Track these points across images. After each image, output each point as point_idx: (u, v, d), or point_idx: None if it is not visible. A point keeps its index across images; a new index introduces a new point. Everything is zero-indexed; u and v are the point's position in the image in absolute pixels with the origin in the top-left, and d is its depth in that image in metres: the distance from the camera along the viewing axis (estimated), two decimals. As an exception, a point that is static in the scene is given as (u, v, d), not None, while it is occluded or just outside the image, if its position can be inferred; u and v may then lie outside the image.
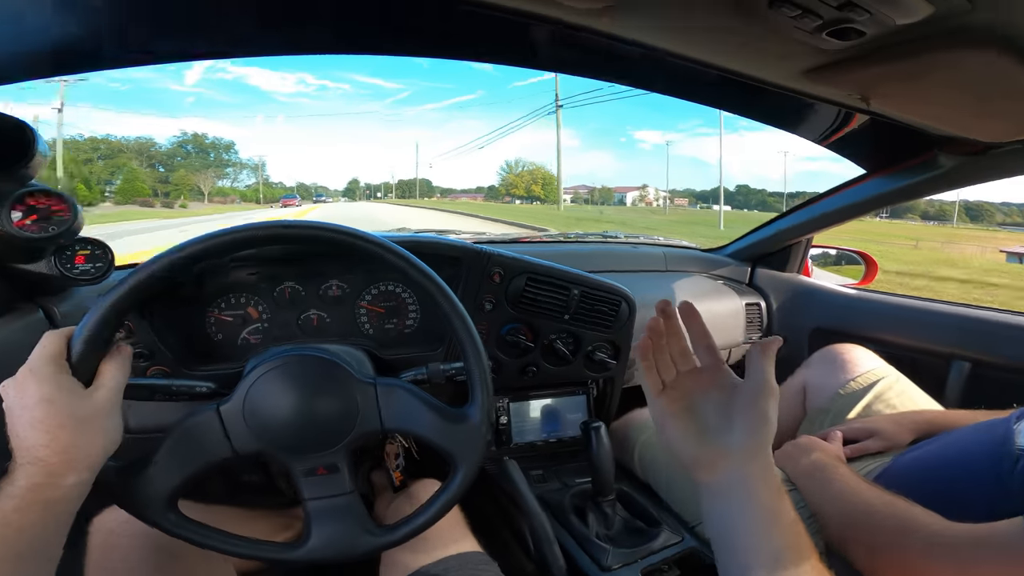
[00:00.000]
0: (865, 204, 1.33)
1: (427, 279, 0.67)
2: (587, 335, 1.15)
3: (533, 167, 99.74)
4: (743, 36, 0.63)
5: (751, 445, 0.53)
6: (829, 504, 0.81)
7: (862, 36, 0.57)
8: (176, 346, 0.88)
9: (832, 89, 0.77)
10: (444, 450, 0.67)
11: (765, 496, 0.51)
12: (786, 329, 1.65)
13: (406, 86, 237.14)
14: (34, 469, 0.49)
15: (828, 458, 0.89)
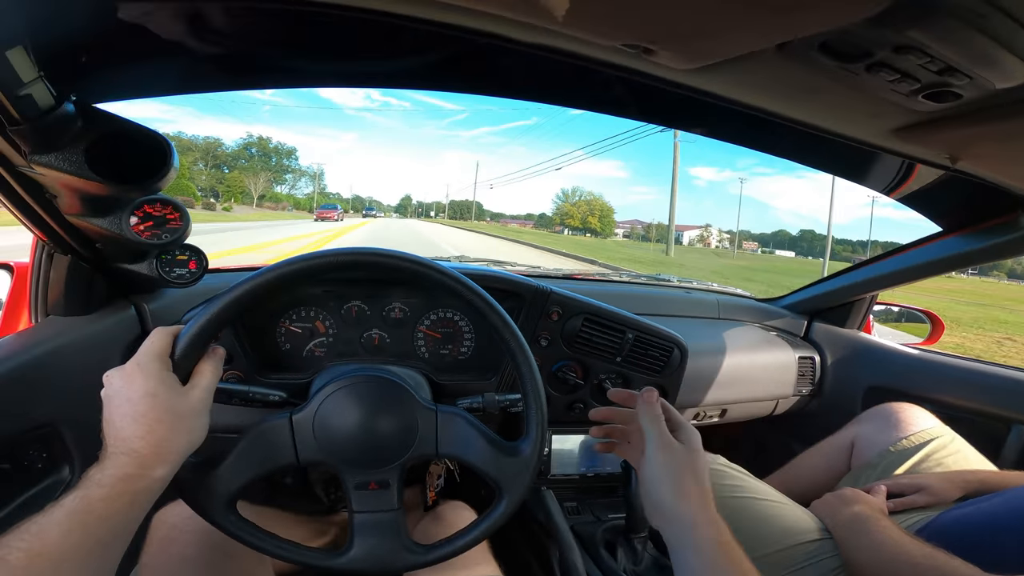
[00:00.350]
0: (942, 263, 1.29)
1: (498, 317, 0.70)
2: (637, 377, 1.16)
3: (591, 197, 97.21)
4: (835, 95, 0.63)
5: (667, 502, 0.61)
6: (866, 554, 0.82)
7: (959, 99, 0.57)
8: (250, 353, 0.94)
9: (921, 148, 0.76)
10: (493, 480, 0.69)
11: (707, 549, 0.57)
12: (840, 385, 1.60)
13: (465, 108, 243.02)
14: (127, 459, 0.51)
15: (870, 510, 0.90)
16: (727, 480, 1.07)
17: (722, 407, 1.50)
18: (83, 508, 0.47)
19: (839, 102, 0.66)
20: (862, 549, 0.84)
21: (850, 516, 0.90)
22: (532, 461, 0.69)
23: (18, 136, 0.53)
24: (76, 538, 0.46)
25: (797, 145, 1.04)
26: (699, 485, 0.61)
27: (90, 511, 0.47)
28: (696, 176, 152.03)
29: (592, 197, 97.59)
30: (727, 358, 1.45)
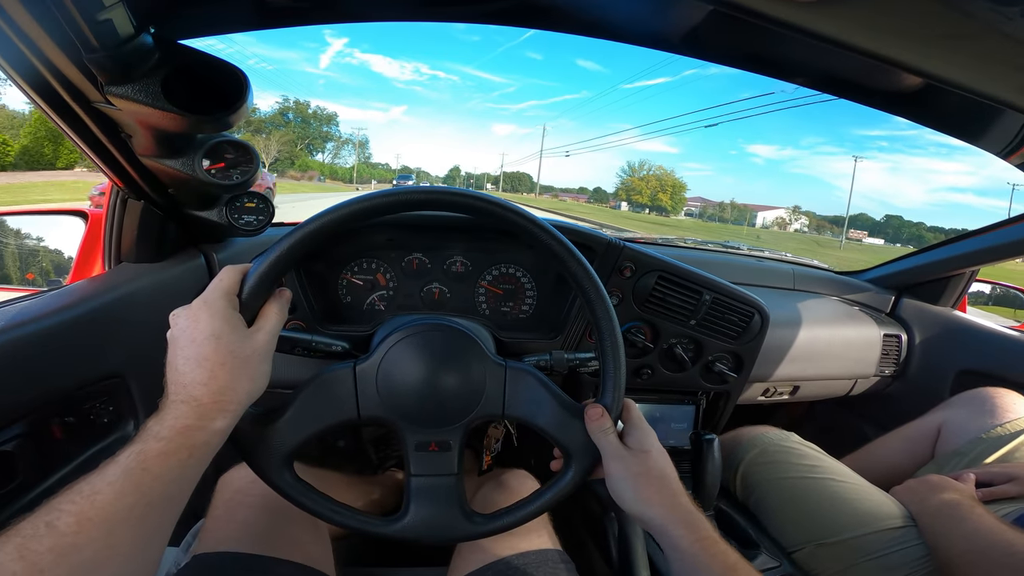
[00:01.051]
0: None
1: (579, 266, 0.64)
2: (710, 343, 1.09)
3: (661, 171, 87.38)
4: (978, 45, 0.54)
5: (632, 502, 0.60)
6: (960, 542, 0.79)
7: None
8: (313, 303, 0.93)
9: None
10: (561, 444, 0.64)
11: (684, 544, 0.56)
12: (928, 367, 1.49)
13: (512, 81, 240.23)
14: (186, 408, 0.48)
15: (962, 497, 0.86)
16: (804, 460, 1.04)
17: (794, 383, 1.41)
18: (138, 465, 0.44)
19: (984, 54, 0.56)
20: (955, 537, 0.80)
21: (940, 503, 0.86)
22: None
23: (95, 65, 0.51)
24: (130, 500, 0.42)
25: (910, 98, 0.93)
26: (658, 487, 0.59)
27: (146, 469, 0.44)
28: (754, 154, 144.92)
29: (663, 171, 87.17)
30: (803, 331, 1.36)
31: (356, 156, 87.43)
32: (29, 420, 0.67)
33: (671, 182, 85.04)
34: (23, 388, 0.65)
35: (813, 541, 0.91)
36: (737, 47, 0.79)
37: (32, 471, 0.68)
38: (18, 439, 0.65)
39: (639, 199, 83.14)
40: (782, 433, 1.14)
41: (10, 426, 0.64)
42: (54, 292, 0.78)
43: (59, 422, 0.72)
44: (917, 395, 1.45)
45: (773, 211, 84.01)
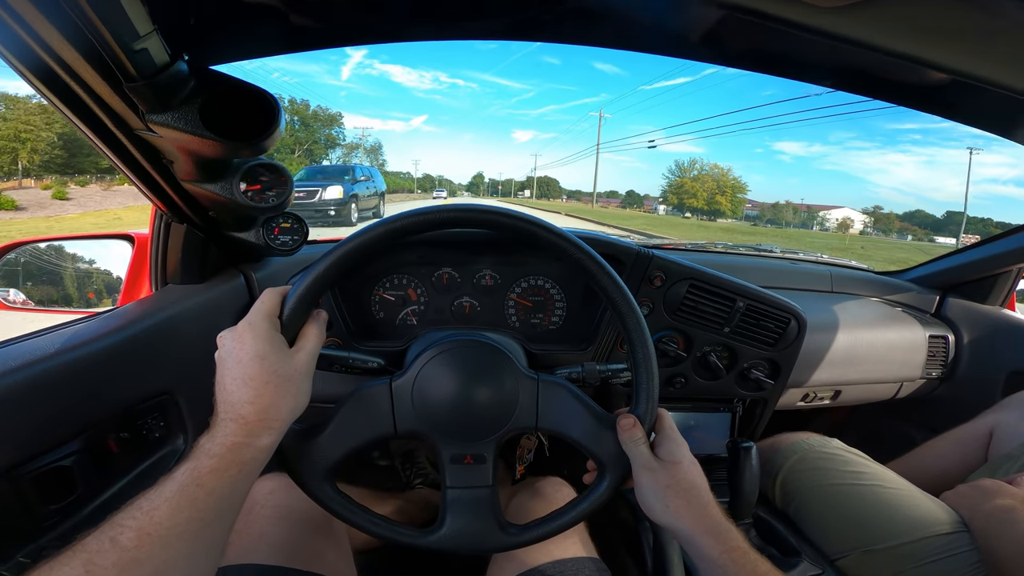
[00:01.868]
0: None
1: (608, 278, 0.65)
2: (745, 351, 1.07)
3: (717, 170, 74.26)
4: (1009, 41, 0.54)
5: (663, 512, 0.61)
6: (1012, 546, 0.78)
7: None
8: (348, 320, 0.95)
9: None
10: (595, 456, 0.65)
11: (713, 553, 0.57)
12: (977, 368, 1.43)
13: (530, 87, 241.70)
14: (235, 426, 0.50)
15: (1016, 502, 0.84)
16: (848, 466, 1.02)
17: (835, 388, 1.37)
18: (192, 481, 0.47)
19: (1013, 50, 0.55)
20: (1007, 541, 0.79)
21: (993, 509, 0.84)
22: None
23: (135, 94, 0.54)
24: (186, 514, 0.45)
25: (942, 94, 0.91)
26: (687, 498, 0.60)
27: (200, 484, 0.47)
28: (780, 151, 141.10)
29: (719, 170, 73.72)
30: (843, 334, 1.32)
31: (372, 163, 73.52)
32: (85, 436, 0.70)
33: (729, 183, 73.21)
34: (79, 407, 0.69)
35: (859, 548, 0.88)
36: (760, 51, 0.78)
37: (89, 485, 0.71)
38: (75, 455, 0.68)
39: (693, 203, 71.30)
40: (823, 439, 1.11)
41: (70, 441, 0.68)
42: (106, 315, 0.82)
43: (114, 437, 0.75)
44: (966, 398, 1.40)
45: (838, 210, 74.90)
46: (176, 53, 0.54)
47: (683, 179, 73.79)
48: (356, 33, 0.70)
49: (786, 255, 1.70)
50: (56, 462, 0.66)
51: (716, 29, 0.66)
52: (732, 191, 72.18)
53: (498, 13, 0.66)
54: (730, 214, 71.28)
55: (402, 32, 0.69)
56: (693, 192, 72.16)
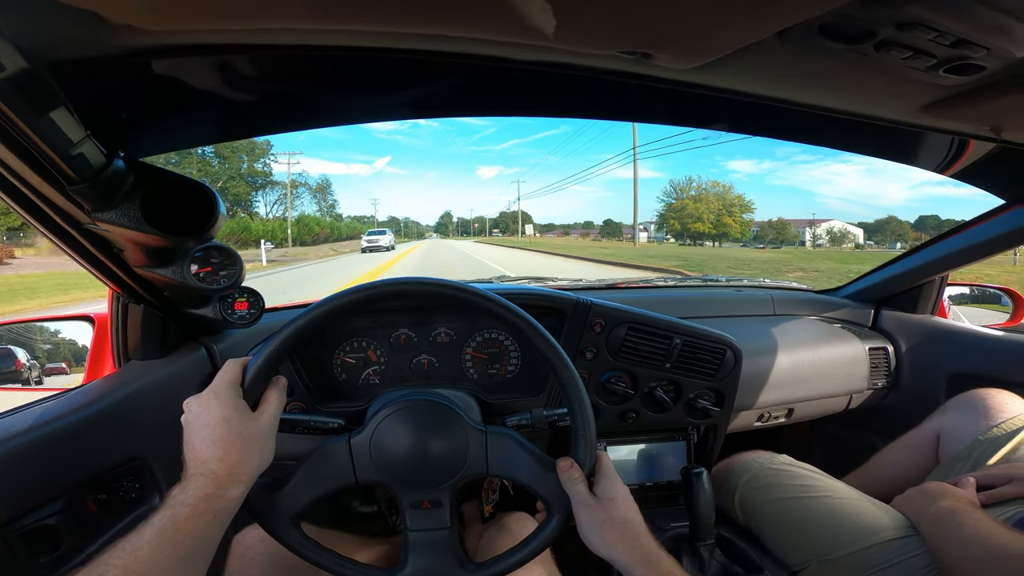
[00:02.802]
0: (1010, 237, 1.20)
1: (536, 334, 0.72)
2: (689, 383, 1.13)
3: (720, 188, 62.24)
4: (853, 78, 0.62)
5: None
6: (958, 549, 0.79)
7: (982, 71, 0.54)
8: (310, 385, 0.99)
9: (957, 123, 0.73)
10: (542, 497, 0.72)
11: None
12: (919, 375, 1.50)
13: (493, 123, 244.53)
14: (206, 480, 0.56)
15: (959, 503, 0.86)
16: (794, 480, 1.04)
17: (788, 406, 1.43)
18: (171, 526, 0.53)
19: (859, 85, 0.64)
20: (953, 544, 0.80)
21: (938, 511, 0.86)
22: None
23: (78, 195, 0.60)
24: (166, 554, 0.51)
25: (835, 133, 1.00)
26: (621, 531, 0.66)
27: (177, 528, 0.53)
28: (735, 170, 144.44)
29: (722, 188, 62.15)
30: (788, 355, 1.39)
31: (287, 205, 51.09)
32: (66, 498, 0.76)
33: (734, 201, 61.48)
34: (56, 474, 0.75)
35: (815, 558, 0.91)
36: (659, 107, 0.86)
37: (73, 541, 0.77)
38: (58, 514, 0.74)
39: (699, 227, 59.29)
40: (771, 456, 1.14)
41: (50, 503, 0.74)
42: (73, 392, 0.87)
43: (93, 499, 0.81)
44: (914, 403, 1.46)
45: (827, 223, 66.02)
46: (112, 151, 0.59)
47: (683, 201, 61.82)
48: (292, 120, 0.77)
49: (731, 283, 1.78)
50: (41, 520, 0.72)
51: (603, 89, 0.73)
52: (739, 210, 61.10)
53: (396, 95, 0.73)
54: (738, 235, 60.38)
55: (331, 118, 0.76)
56: (697, 215, 59.85)
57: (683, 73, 0.61)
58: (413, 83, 0.70)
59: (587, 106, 0.80)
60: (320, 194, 67.78)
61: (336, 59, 0.61)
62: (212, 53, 0.55)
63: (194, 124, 0.70)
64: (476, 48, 0.56)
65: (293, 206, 53.22)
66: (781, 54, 0.56)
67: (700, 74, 0.62)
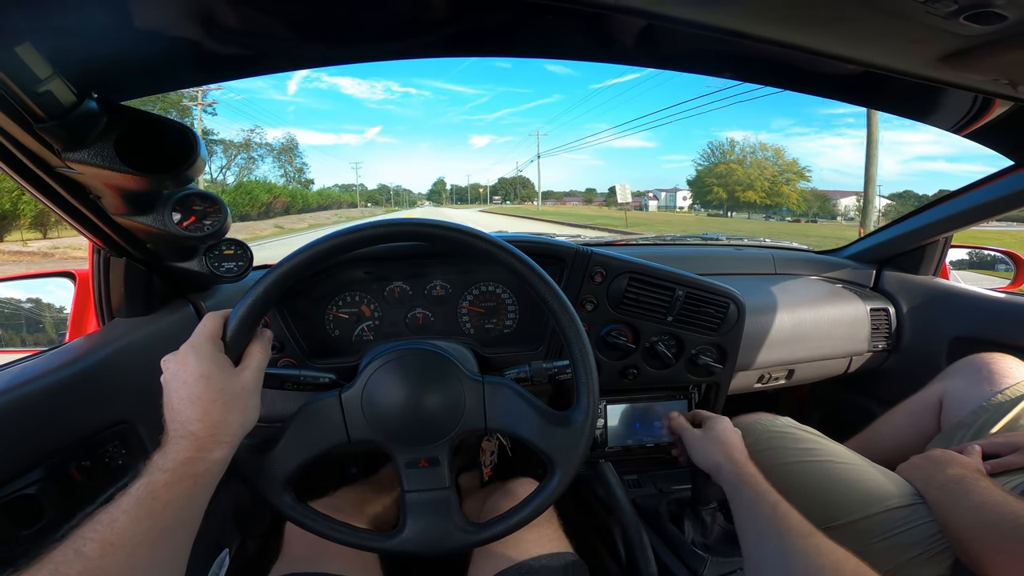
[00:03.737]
0: (1016, 198, 1.18)
1: (538, 278, 0.69)
2: (691, 338, 1.11)
3: (774, 152, 49.90)
4: (868, 23, 0.58)
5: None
6: (968, 517, 0.76)
7: (1004, 20, 0.51)
8: (302, 340, 0.96)
9: (975, 76, 0.69)
10: (544, 453, 0.68)
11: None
12: (921, 337, 1.49)
13: (484, 92, 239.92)
14: (186, 443, 0.53)
15: (967, 471, 0.84)
16: (800, 443, 1.02)
17: (788, 367, 1.43)
18: (148, 495, 0.49)
19: (877, 30, 0.60)
20: (961, 512, 0.78)
21: (945, 479, 0.84)
22: (584, 431, 0.68)
23: (47, 134, 0.55)
24: (145, 524, 0.47)
25: (854, 86, 0.96)
26: (719, 446, 0.84)
27: (156, 497, 0.49)
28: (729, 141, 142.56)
29: (776, 152, 49.67)
30: (789, 314, 1.38)
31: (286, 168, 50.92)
32: (47, 465, 0.71)
33: (790, 166, 48.83)
34: (35, 438, 0.70)
35: (822, 525, 0.87)
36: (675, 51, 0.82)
37: (57, 512, 0.72)
38: (39, 483, 0.70)
39: (750, 196, 47.49)
40: (773, 418, 1.12)
41: (29, 472, 0.69)
42: (54, 351, 0.82)
43: (76, 466, 0.76)
44: (915, 367, 1.45)
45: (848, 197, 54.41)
46: (83, 92, 0.55)
47: (729, 164, 48.75)
48: (278, 60, 0.72)
49: (732, 242, 1.76)
50: (21, 490, 0.68)
51: (633, 33, 0.70)
52: (796, 178, 48.49)
53: (413, 34, 0.68)
54: (794, 207, 48.45)
55: (330, 56, 0.70)
56: (748, 181, 47.25)
57: (694, 9, 0.57)
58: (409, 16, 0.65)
59: (601, 50, 0.75)
60: (285, 156, 57.06)
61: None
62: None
63: (177, 65, 0.65)
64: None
65: (250, 170, 48.90)
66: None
67: (711, 11, 0.58)
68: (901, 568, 0.79)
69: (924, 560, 0.78)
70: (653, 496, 1.04)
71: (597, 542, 1.04)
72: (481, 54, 0.74)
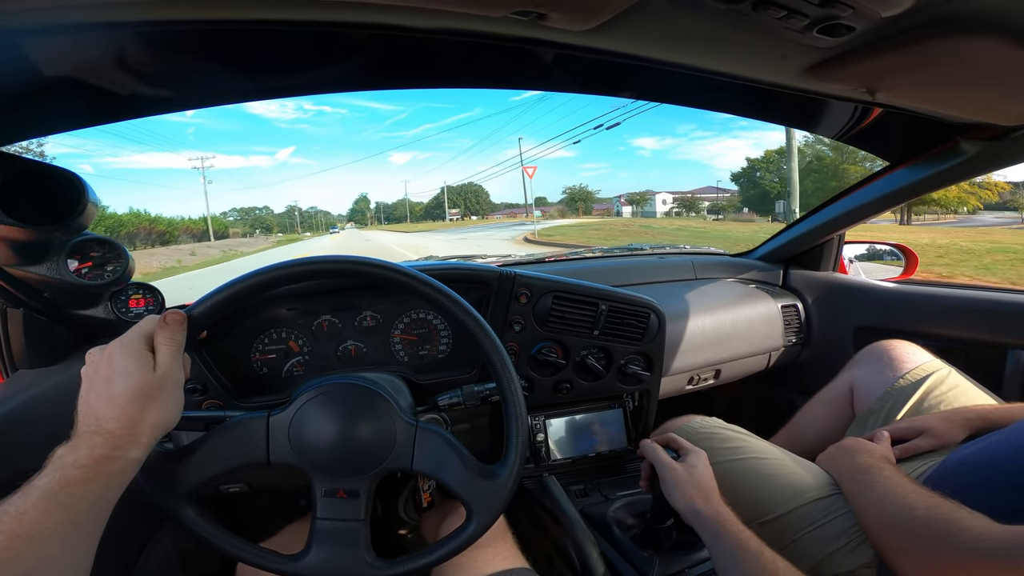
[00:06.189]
0: (891, 197, 1.29)
1: (461, 310, 0.71)
2: (618, 349, 1.15)
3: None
4: (738, 41, 0.64)
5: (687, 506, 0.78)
6: (872, 508, 0.78)
7: (852, 31, 0.57)
8: (227, 380, 0.94)
9: (836, 85, 0.77)
10: (465, 502, 0.69)
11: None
12: (827, 329, 1.60)
13: (402, 108, 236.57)
14: (100, 440, 0.51)
15: (874, 459, 0.86)
16: (727, 443, 1.04)
17: (715, 367, 1.50)
18: (62, 489, 0.48)
19: (746, 48, 0.66)
20: (867, 504, 0.80)
21: (854, 468, 0.87)
22: (508, 485, 0.69)
23: None
24: (57, 518, 0.47)
25: (740, 100, 1.04)
26: (698, 489, 0.78)
27: (70, 492, 0.48)
28: (640, 147, 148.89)
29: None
30: (710, 317, 1.45)
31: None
32: None
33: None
34: None
35: (754, 521, 0.88)
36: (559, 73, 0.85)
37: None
38: None
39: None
40: (704, 420, 1.15)
41: None
42: None
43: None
44: (827, 358, 1.54)
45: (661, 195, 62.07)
46: None
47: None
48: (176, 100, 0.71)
49: (655, 251, 1.84)
50: None
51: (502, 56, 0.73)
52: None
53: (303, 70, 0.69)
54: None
55: (217, 96, 0.70)
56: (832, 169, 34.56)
57: (581, 36, 0.61)
58: (299, 57, 0.66)
59: (491, 75, 0.79)
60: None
61: (208, 33, 0.56)
62: (69, 33, 0.49)
63: (56, 108, 0.62)
64: (364, 15, 0.54)
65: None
66: (670, 15, 0.57)
67: (599, 37, 0.62)
68: (828, 559, 0.80)
69: (849, 550, 0.80)
70: (600, 503, 1.06)
71: (552, 553, 1.05)
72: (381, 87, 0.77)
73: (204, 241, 49.39)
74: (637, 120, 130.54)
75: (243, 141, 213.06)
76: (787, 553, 0.79)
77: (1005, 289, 1.36)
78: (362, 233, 52.76)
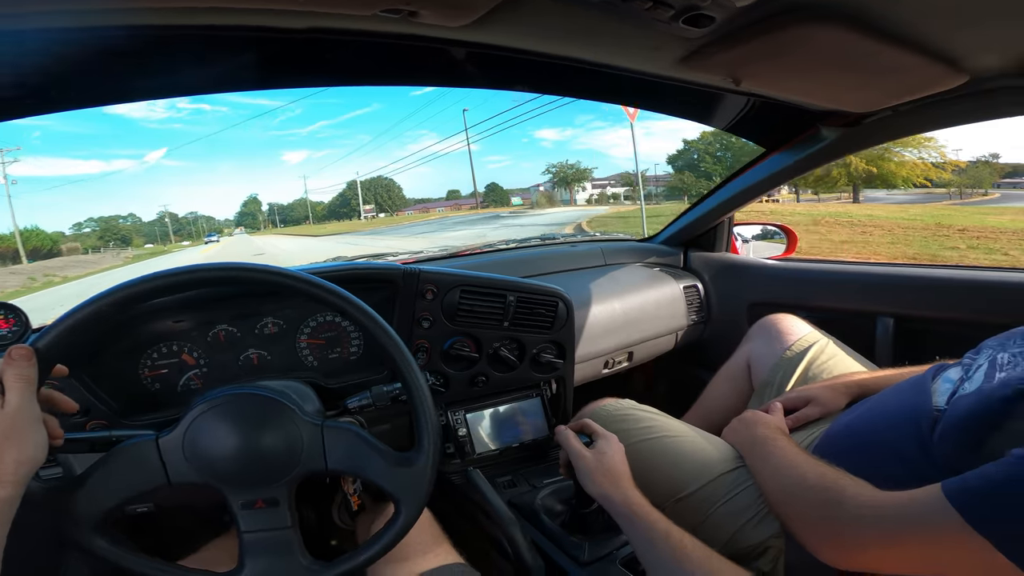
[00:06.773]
0: (767, 181, 1.42)
1: (349, 304, 0.69)
2: (530, 339, 1.17)
3: None
4: (613, 33, 0.67)
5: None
6: (770, 480, 0.81)
7: (713, 21, 0.62)
8: (111, 400, 0.87)
9: (706, 74, 0.82)
10: (390, 494, 0.69)
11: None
12: (724, 307, 1.72)
13: (295, 105, 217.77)
14: None
15: (769, 431, 0.89)
16: (639, 423, 1.05)
17: (627, 350, 1.55)
18: None
19: (621, 39, 0.70)
20: (767, 477, 0.82)
21: (752, 439, 0.90)
22: (427, 471, 0.69)
23: None
24: None
25: (624, 90, 1.09)
26: (607, 476, 0.80)
27: None
28: (542, 139, 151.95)
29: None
30: (619, 301, 1.51)
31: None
32: None
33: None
34: None
35: (671, 499, 0.91)
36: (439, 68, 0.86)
37: None
38: None
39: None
40: (617, 402, 1.15)
41: None
42: None
43: None
44: (727, 334, 1.64)
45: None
46: None
47: None
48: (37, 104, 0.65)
49: (567, 240, 1.90)
50: None
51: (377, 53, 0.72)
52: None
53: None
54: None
55: (86, 98, 0.65)
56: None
57: (458, 32, 0.62)
58: (172, 59, 0.63)
59: (377, 72, 0.79)
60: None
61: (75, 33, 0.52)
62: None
63: None
64: (234, 18, 0.52)
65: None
66: (545, 8, 0.59)
67: (476, 32, 0.63)
68: (741, 531, 0.82)
69: (758, 521, 0.82)
70: (528, 492, 1.06)
71: (487, 547, 1.05)
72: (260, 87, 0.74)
73: (16, 264, 37.55)
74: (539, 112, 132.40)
75: (102, 145, 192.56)
76: (702, 529, 0.84)
77: (872, 262, 1.52)
78: (253, 240, 45.20)
